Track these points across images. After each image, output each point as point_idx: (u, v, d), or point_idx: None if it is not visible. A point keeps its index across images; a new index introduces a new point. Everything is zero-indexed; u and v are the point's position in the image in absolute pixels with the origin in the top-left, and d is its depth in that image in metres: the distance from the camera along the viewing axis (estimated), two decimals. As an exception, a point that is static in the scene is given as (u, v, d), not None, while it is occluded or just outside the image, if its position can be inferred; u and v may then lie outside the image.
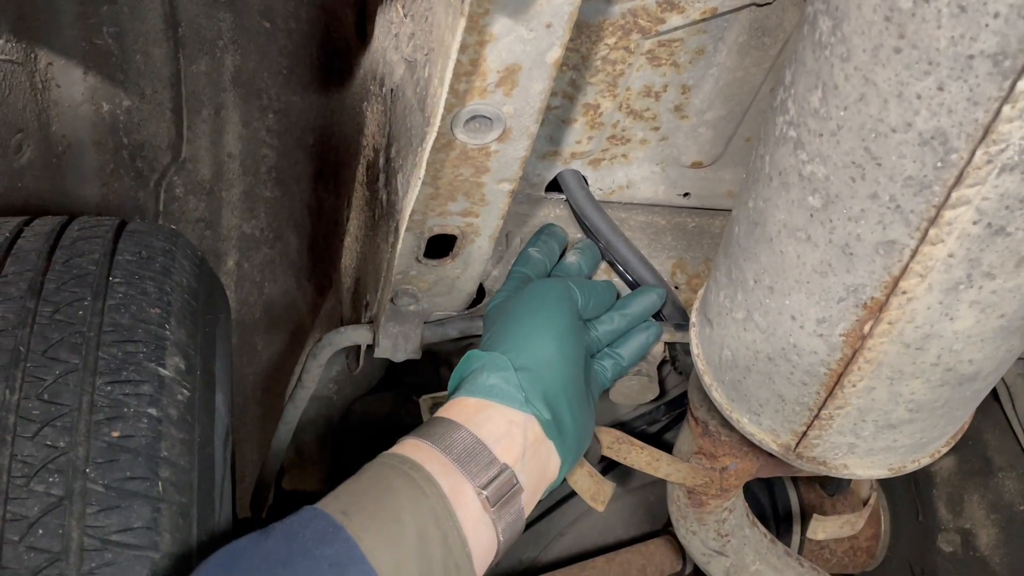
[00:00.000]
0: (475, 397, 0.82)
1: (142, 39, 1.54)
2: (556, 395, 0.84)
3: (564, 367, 0.85)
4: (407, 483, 0.73)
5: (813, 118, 0.60)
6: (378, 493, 0.72)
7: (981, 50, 0.48)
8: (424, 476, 0.73)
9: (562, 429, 0.84)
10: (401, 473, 0.73)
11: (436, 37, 0.73)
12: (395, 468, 0.74)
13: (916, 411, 0.72)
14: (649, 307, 1.00)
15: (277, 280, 1.86)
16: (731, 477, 1.00)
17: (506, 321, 0.89)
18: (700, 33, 0.93)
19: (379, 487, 0.72)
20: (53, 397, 0.71)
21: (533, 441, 0.82)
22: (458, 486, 0.75)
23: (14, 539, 0.64)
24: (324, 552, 0.66)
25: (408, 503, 0.71)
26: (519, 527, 0.80)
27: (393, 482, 0.73)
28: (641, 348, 0.99)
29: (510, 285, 0.97)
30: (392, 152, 0.90)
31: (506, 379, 0.83)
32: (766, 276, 0.70)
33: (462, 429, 0.79)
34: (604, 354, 0.98)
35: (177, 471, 0.72)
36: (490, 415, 0.81)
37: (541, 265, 1.01)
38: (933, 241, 0.57)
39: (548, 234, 1.05)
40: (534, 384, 0.83)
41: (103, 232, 0.90)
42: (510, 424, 0.81)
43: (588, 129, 1.02)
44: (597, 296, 0.96)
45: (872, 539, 1.45)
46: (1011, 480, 1.33)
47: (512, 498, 0.78)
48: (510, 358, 0.84)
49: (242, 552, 0.66)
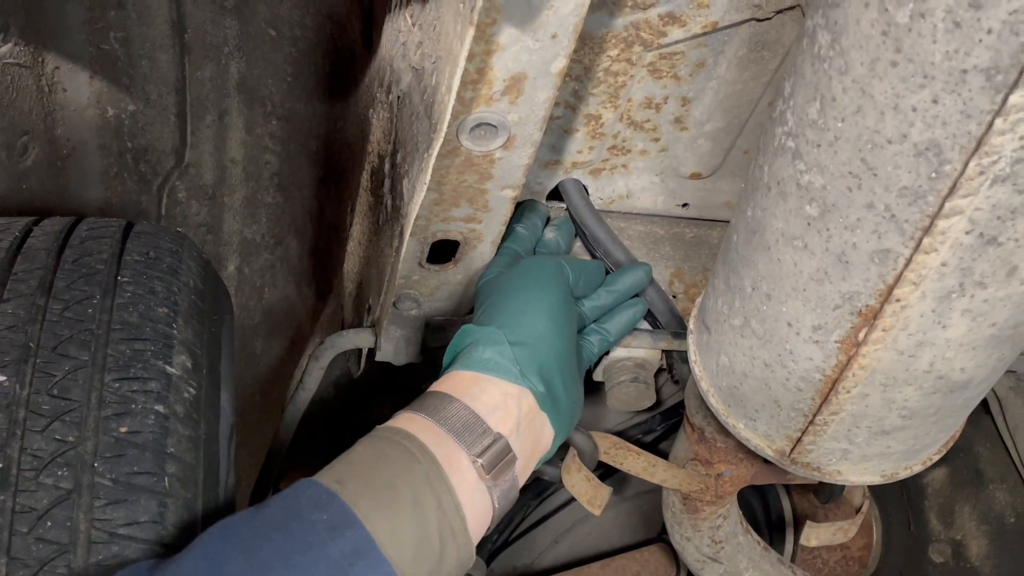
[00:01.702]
0: (470, 371, 0.84)
1: (148, 44, 1.56)
2: (550, 368, 0.85)
3: (557, 341, 0.87)
4: (401, 452, 0.74)
5: (811, 129, 0.61)
6: (372, 462, 0.73)
7: (975, 64, 0.50)
8: (418, 445, 0.75)
9: (556, 401, 0.86)
10: (395, 443, 0.75)
11: (444, 46, 0.74)
12: (388, 439, 0.75)
13: (909, 418, 0.73)
14: (635, 284, 1.03)
15: (277, 285, 1.87)
16: (726, 483, 1.02)
17: (500, 296, 0.90)
18: (701, 46, 0.95)
19: (372, 456, 0.73)
20: (62, 392, 0.73)
21: (527, 412, 0.83)
22: (453, 454, 0.76)
23: (23, 530, 0.66)
24: (319, 517, 0.67)
25: (402, 470, 0.72)
26: (513, 495, 0.81)
27: (387, 451, 0.74)
28: (627, 324, 1.02)
29: (501, 261, 0.99)
30: (398, 158, 0.92)
31: (501, 352, 0.84)
32: (764, 283, 0.72)
33: (456, 401, 0.80)
34: (591, 330, 1.00)
35: (183, 467, 0.73)
36: (485, 387, 0.82)
37: (528, 241, 1.03)
38: (927, 250, 0.59)
39: (531, 210, 1.07)
40: (529, 358, 0.84)
41: (111, 232, 0.91)
42: (505, 396, 0.82)
43: (589, 139, 1.03)
44: (587, 274, 0.98)
45: (864, 549, 1.46)
46: (1002, 492, 1.34)
47: (507, 467, 0.79)
48: (504, 332, 0.85)
49: (239, 521, 0.67)
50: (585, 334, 1.00)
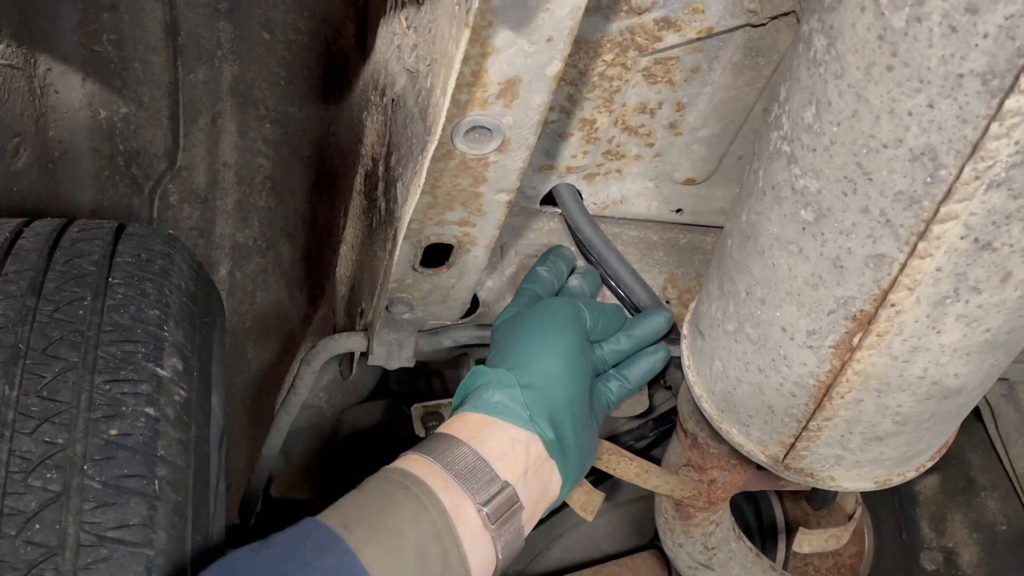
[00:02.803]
0: (479, 413, 0.82)
1: (141, 47, 1.55)
2: (560, 414, 0.84)
3: (570, 386, 0.86)
4: (408, 497, 0.73)
5: (807, 133, 0.61)
6: (379, 506, 0.72)
7: (971, 69, 0.50)
8: (425, 491, 0.74)
9: (565, 449, 0.84)
10: (402, 487, 0.74)
11: (439, 48, 0.74)
12: (396, 482, 0.74)
13: (903, 424, 0.73)
14: (656, 330, 1.00)
15: (269, 289, 1.86)
16: (719, 489, 1.02)
17: (514, 338, 0.89)
18: (696, 52, 0.95)
19: (380, 500, 0.73)
20: (52, 394, 0.72)
21: (536, 459, 0.82)
22: (459, 502, 0.75)
23: (11, 533, 0.65)
24: (324, 563, 0.66)
25: (409, 517, 0.71)
26: (518, 545, 0.80)
27: (395, 495, 0.73)
28: (648, 371, 0.99)
29: (520, 302, 0.97)
30: (392, 161, 0.92)
31: (511, 396, 0.83)
32: (758, 288, 0.72)
33: (464, 445, 0.78)
34: (610, 375, 0.98)
35: (173, 470, 0.73)
36: (493, 432, 0.81)
37: (549, 284, 1.02)
38: (922, 255, 0.59)
39: (557, 255, 1.06)
40: (539, 402, 0.83)
41: (103, 234, 0.91)
42: (513, 442, 0.81)
43: (584, 144, 1.03)
44: (606, 318, 0.96)
45: (856, 556, 1.46)
46: (993, 500, 1.34)
47: (513, 516, 0.78)
48: (516, 375, 0.84)
49: (241, 562, 0.66)
50: (603, 379, 0.97)
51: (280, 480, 1.51)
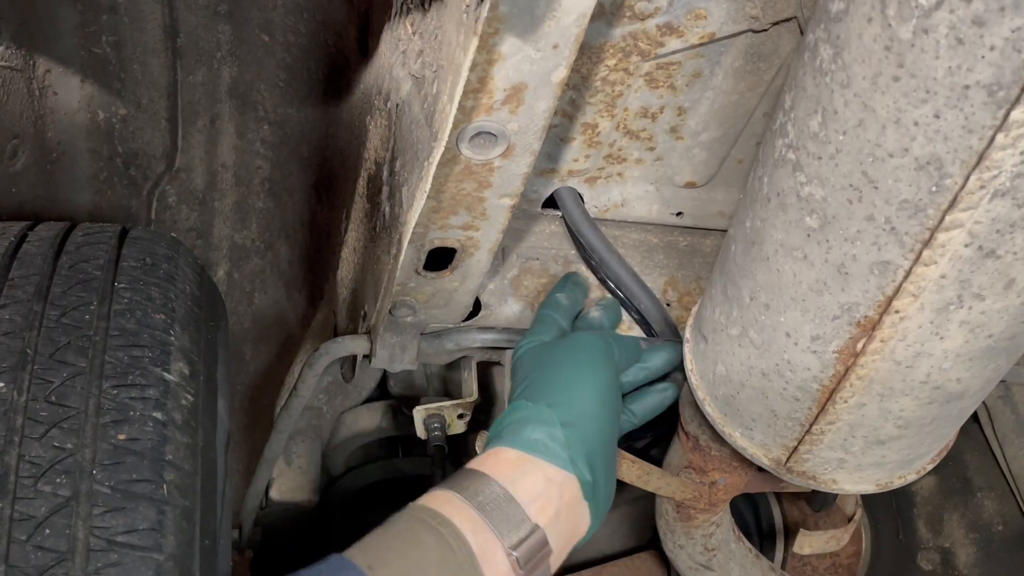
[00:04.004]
0: (516, 450, 0.81)
1: (140, 48, 1.55)
2: (596, 455, 0.83)
3: (605, 426, 0.85)
4: (436, 539, 0.72)
5: (812, 141, 0.62)
6: (405, 548, 0.71)
7: (977, 80, 0.50)
8: (453, 533, 0.73)
9: (597, 490, 0.83)
10: (431, 529, 0.72)
11: (446, 55, 0.75)
12: (424, 522, 0.73)
13: (905, 428, 0.74)
14: (668, 362, 0.99)
15: (267, 291, 1.86)
16: (720, 491, 1.02)
17: (549, 370, 0.88)
18: (698, 57, 0.96)
19: (407, 541, 0.71)
20: (60, 399, 0.72)
21: (569, 501, 0.81)
22: (488, 545, 0.74)
23: (21, 538, 0.65)
24: None
25: (436, 559, 0.70)
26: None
27: (422, 537, 0.72)
28: (655, 408, 0.99)
29: (543, 330, 0.96)
30: (397, 166, 0.92)
31: (551, 435, 0.82)
32: (762, 294, 0.72)
33: (496, 484, 0.77)
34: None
35: (182, 475, 0.73)
36: (528, 470, 0.80)
37: (568, 312, 1.01)
38: (926, 262, 0.59)
39: (575, 283, 1.06)
40: (578, 443, 0.82)
41: (107, 238, 0.91)
42: (548, 482, 0.80)
43: (586, 148, 1.04)
44: (627, 352, 0.96)
45: (853, 556, 1.47)
46: (990, 500, 1.35)
47: (542, 560, 0.77)
48: (556, 412, 0.83)
49: None
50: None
51: (281, 481, 1.51)
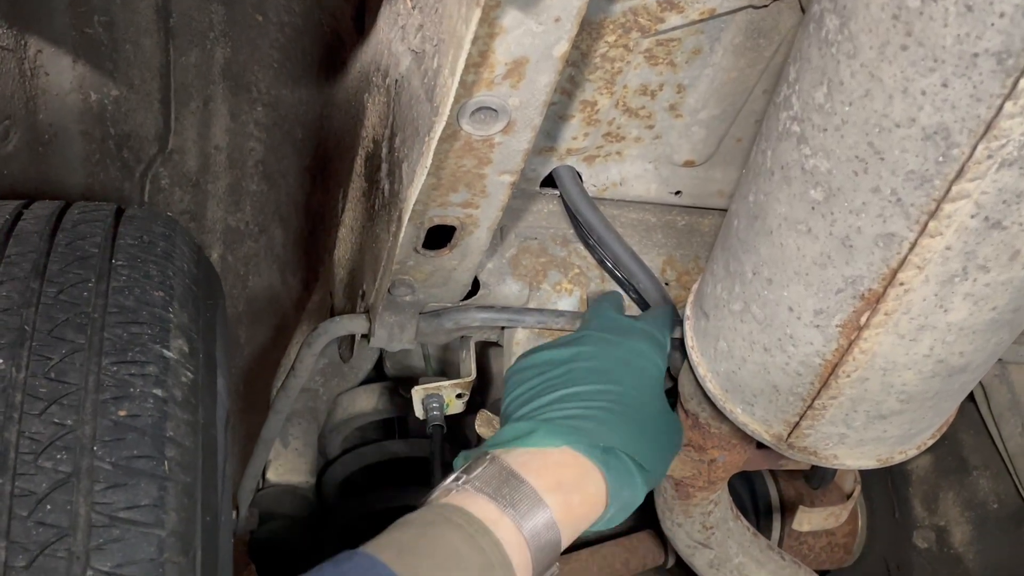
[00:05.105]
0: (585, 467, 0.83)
1: (133, 29, 1.54)
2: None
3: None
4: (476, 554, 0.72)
5: (817, 113, 0.62)
6: (446, 561, 0.71)
7: (986, 48, 0.50)
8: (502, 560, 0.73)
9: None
10: (472, 543, 0.72)
11: (447, 28, 0.74)
12: (466, 536, 0.73)
13: (907, 402, 0.74)
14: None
15: (261, 274, 1.86)
16: (719, 469, 1.02)
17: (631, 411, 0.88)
18: (697, 33, 0.95)
19: (449, 555, 0.71)
20: (60, 376, 0.72)
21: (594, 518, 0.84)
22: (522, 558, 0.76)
23: (23, 514, 0.65)
24: None
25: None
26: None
27: (461, 551, 0.72)
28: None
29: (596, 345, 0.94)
30: (396, 142, 0.91)
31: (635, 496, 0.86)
32: (765, 268, 0.72)
33: (545, 509, 0.78)
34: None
35: (182, 451, 0.73)
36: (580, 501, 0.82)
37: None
38: (932, 234, 0.59)
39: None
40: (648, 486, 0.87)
41: (103, 216, 0.90)
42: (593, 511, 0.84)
43: (584, 126, 1.03)
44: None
45: (849, 535, 1.48)
46: (985, 479, 1.36)
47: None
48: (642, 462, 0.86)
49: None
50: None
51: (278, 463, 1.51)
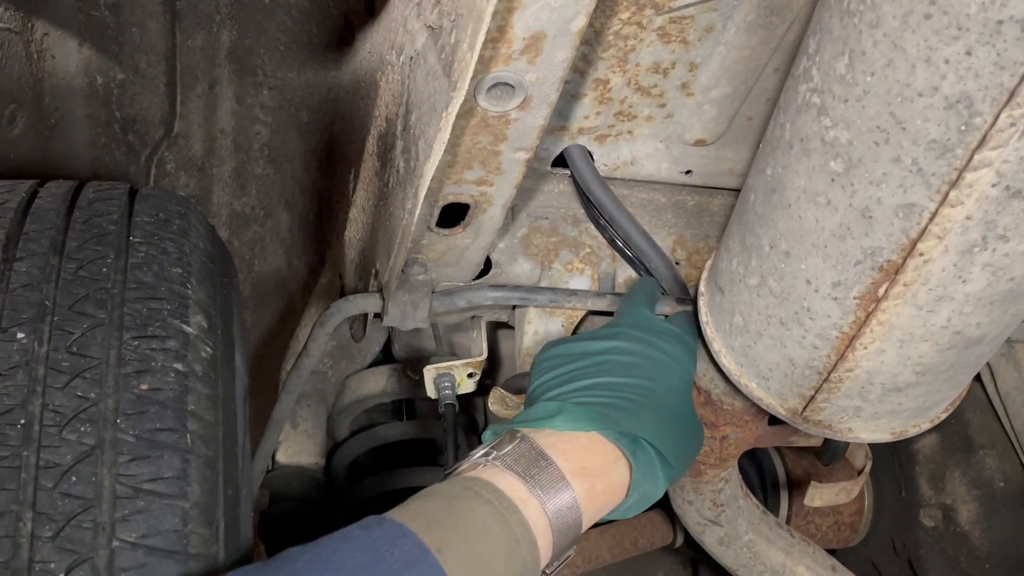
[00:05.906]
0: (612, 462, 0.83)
1: (139, 12, 1.54)
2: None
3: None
4: (502, 527, 0.72)
5: (839, 84, 0.62)
6: (473, 536, 0.71)
7: (1011, 15, 0.51)
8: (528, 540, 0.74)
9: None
10: (501, 520, 0.73)
11: (465, 3, 0.74)
12: (496, 512, 0.73)
13: (923, 374, 0.74)
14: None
15: (267, 258, 1.86)
16: (731, 446, 1.03)
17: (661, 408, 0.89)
18: (711, 11, 0.95)
19: (476, 529, 0.72)
20: (82, 350, 0.72)
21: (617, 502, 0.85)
22: (546, 548, 0.76)
23: (48, 486, 0.65)
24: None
25: (503, 552, 0.72)
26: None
27: (490, 526, 0.72)
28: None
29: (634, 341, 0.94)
30: (412, 119, 0.91)
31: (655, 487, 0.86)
32: (782, 241, 0.73)
33: (569, 490, 0.78)
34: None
35: (204, 425, 0.73)
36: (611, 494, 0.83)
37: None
38: (953, 203, 0.60)
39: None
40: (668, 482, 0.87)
41: (118, 195, 0.90)
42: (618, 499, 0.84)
43: (596, 104, 1.03)
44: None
45: (856, 514, 1.49)
46: (991, 457, 1.37)
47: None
48: (666, 455, 0.86)
49: (328, 561, 0.64)
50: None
51: (287, 445, 1.51)
